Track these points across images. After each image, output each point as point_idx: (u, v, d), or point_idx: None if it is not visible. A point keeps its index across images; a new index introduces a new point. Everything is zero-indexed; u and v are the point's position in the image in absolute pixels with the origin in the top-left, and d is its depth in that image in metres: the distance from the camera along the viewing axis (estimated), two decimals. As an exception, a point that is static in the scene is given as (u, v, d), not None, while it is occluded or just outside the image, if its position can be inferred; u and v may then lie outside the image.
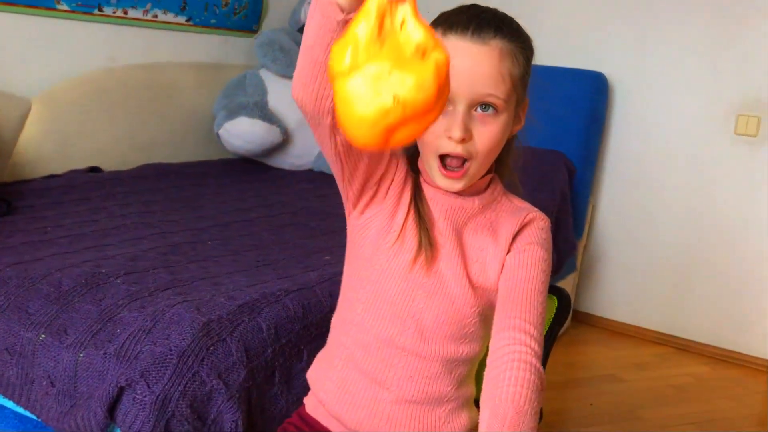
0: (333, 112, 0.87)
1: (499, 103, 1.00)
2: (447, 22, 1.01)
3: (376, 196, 1.06)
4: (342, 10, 0.79)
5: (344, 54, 0.66)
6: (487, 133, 1.00)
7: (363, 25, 0.66)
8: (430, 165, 1.04)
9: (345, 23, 0.79)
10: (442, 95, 0.66)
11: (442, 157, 1.02)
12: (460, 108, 0.99)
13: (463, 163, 1.02)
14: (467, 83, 0.97)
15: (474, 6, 1.04)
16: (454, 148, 1.00)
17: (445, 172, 1.02)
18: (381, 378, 1.08)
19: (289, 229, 2.09)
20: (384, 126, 0.65)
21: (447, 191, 1.07)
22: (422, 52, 0.65)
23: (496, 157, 1.06)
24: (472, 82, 0.98)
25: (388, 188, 1.06)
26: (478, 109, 1.00)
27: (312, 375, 1.17)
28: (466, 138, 0.99)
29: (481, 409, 0.93)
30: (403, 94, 0.64)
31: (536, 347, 0.97)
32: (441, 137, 1.00)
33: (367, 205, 1.06)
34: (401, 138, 0.66)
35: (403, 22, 0.66)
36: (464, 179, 1.03)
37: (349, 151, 0.97)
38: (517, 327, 0.98)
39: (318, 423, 1.14)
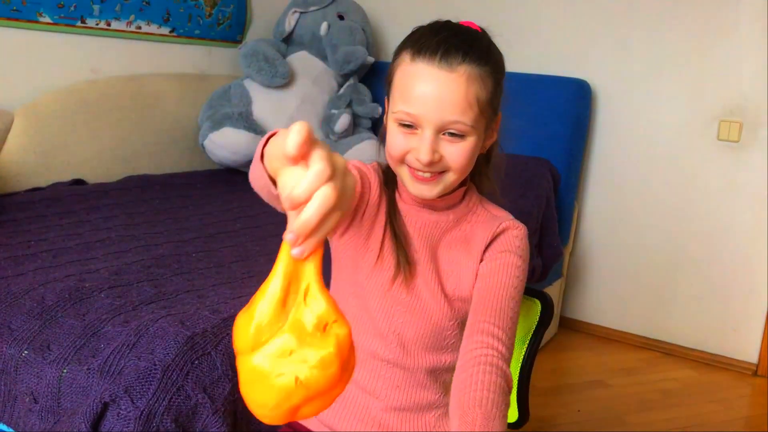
0: None
1: (466, 129, 0.99)
2: (416, 45, 1.00)
3: (353, 221, 1.07)
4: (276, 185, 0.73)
5: (247, 332, 0.63)
6: (457, 152, 1.01)
7: (267, 298, 0.64)
8: (401, 175, 1.05)
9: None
10: (346, 370, 0.64)
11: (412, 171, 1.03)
12: (428, 133, 0.99)
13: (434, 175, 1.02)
14: (434, 109, 0.97)
15: (446, 26, 1.03)
16: (423, 167, 1.01)
17: (416, 177, 1.02)
18: (370, 388, 1.09)
19: (273, 241, 2.08)
20: (287, 407, 0.63)
21: (422, 205, 1.08)
22: (323, 327, 0.63)
23: (470, 170, 1.06)
24: (439, 109, 0.97)
25: (364, 212, 1.07)
26: (446, 134, 1.00)
27: None
28: (435, 159, 1.00)
29: (450, 415, 0.94)
30: (304, 375, 0.61)
31: (504, 350, 0.98)
32: (408, 153, 1.01)
33: (345, 230, 1.08)
34: (307, 413, 0.64)
35: (306, 291, 0.64)
36: (439, 185, 1.03)
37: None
38: (485, 331, 0.99)
39: (307, 429, 1.15)
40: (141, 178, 2.66)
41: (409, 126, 1.00)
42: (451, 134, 1.00)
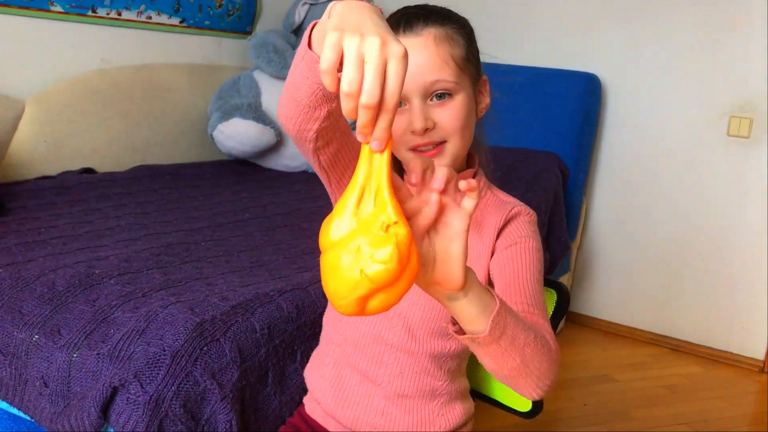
0: (315, 140, 0.90)
1: (450, 86, 1.01)
2: None
3: None
4: None
5: (327, 232, 0.73)
6: (449, 113, 1.02)
7: (343, 202, 0.73)
8: (406, 159, 1.05)
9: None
10: (406, 266, 0.70)
11: (413, 149, 1.03)
12: (416, 102, 1.00)
13: (436, 145, 1.03)
14: (413, 77, 0.98)
15: (403, 7, 1.06)
16: (421, 139, 1.01)
17: (422, 153, 1.02)
18: (372, 374, 1.09)
19: (282, 230, 2.09)
20: (355, 298, 0.70)
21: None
22: (386, 227, 0.70)
23: (471, 135, 1.06)
24: (417, 73, 0.99)
25: None
26: (434, 98, 1.01)
27: (308, 374, 1.18)
28: (429, 127, 1.01)
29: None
30: (369, 269, 0.69)
31: (550, 329, 0.95)
32: (405, 134, 1.02)
33: None
34: (376, 306, 0.71)
35: (376, 194, 0.71)
36: (445, 156, 1.03)
37: (334, 165, 0.98)
38: (526, 314, 0.95)
39: (317, 423, 1.15)
40: (150, 168, 2.67)
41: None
42: (439, 96, 1.01)
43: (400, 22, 1.02)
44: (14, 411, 1.39)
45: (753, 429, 2.53)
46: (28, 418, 1.36)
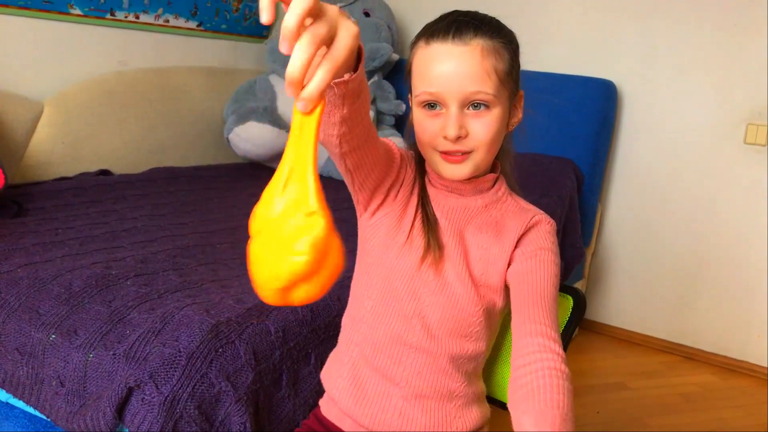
0: (339, 144, 0.92)
1: (489, 99, 1.02)
2: (429, 32, 1.05)
3: (386, 200, 1.09)
4: None
5: (253, 220, 0.71)
6: (483, 125, 1.03)
7: (268, 187, 0.70)
8: (432, 160, 1.07)
9: (330, 88, 0.82)
10: (325, 258, 0.68)
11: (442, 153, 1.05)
12: (453, 108, 1.01)
13: (464, 153, 1.04)
14: (455, 84, 1.00)
15: (454, 12, 1.07)
16: (452, 147, 1.03)
17: (447, 158, 1.05)
18: (391, 374, 1.09)
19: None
20: (276, 288, 0.69)
21: (449, 190, 1.11)
22: (307, 214, 0.68)
23: (498, 148, 1.08)
24: (459, 82, 1.00)
25: (398, 193, 1.10)
26: (470, 108, 1.02)
27: (325, 374, 1.19)
28: (462, 135, 1.02)
29: (518, 415, 0.92)
30: (286, 261, 0.67)
31: (562, 352, 0.97)
32: (437, 137, 1.04)
33: (377, 209, 1.10)
34: (300, 297, 0.69)
35: (301, 176, 0.69)
36: (468, 164, 1.05)
37: (360, 167, 1.00)
38: (542, 333, 0.98)
39: (332, 424, 1.15)
40: (167, 170, 2.68)
41: (433, 106, 1.04)
42: (475, 106, 1.02)
43: (451, 27, 1.02)
44: (30, 410, 1.40)
45: (768, 439, 2.51)
46: (44, 417, 1.37)
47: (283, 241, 0.68)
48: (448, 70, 1.01)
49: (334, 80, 0.79)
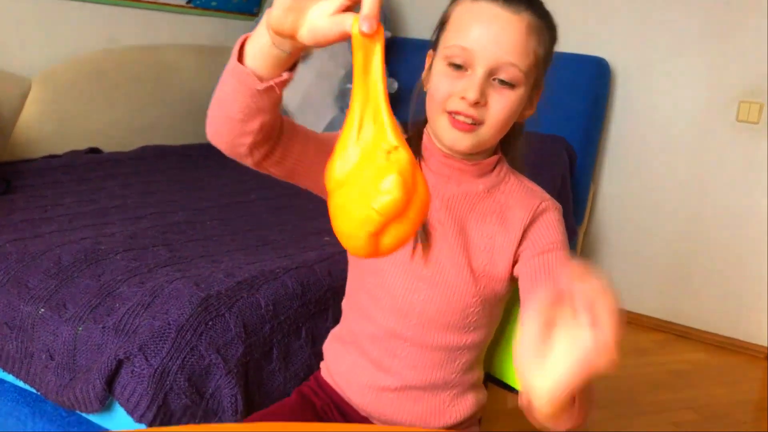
0: (250, 154, 0.89)
1: (519, 76, 0.97)
2: None
3: None
4: (261, 80, 0.80)
5: (331, 172, 0.68)
6: (503, 102, 0.98)
7: (343, 135, 0.67)
8: (438, 124, 1.01)
9: (267, 90, 0.80)
10: (413, 193, 0.65)
11: (452, 114, 0.99)
12: (480, 72, 0.96)
13: (473, 123, 0.99)
14: (492, 47, 0.95)
15: None
16: (466, 109, 0.97)
17: (454, 123, 0.98)
18: (385, 365, 1.08)
19: (288, 211, 2.08)
20: (366, 234, 0.65)
21: (448, 177, 1.05)
22: (387, 153, 0.65)
23: (506, 130, 1.03)
24: (497, 47, 0.95)
25: None
26: (496, 80, 0.97)
27: (327, 349, 1.18)
28: (481, 102, 0.96)
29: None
30: (374, 202, 0.64)
31: None
32: (453, 97, 0.98)
33: None
34: (391, 242, 0.66)
35: (375, 115, 0.66)
36: (474, 136, 0.99)
37: (290, 172, 0.98)
38: None
39: (331, 388, 1.15)
40: (157, 148, 2.66)
41: (458, 67, 0.97)
42: (502, 81, 0.97)
43: None
44: (20, 384, 1.40)
45: (758, 415, 2.53)
46: (34, 390, 1.36)
47: (367, 186, 0.65)
48: (491, 31, 0.95)
49: (276, 80, 0.78)
